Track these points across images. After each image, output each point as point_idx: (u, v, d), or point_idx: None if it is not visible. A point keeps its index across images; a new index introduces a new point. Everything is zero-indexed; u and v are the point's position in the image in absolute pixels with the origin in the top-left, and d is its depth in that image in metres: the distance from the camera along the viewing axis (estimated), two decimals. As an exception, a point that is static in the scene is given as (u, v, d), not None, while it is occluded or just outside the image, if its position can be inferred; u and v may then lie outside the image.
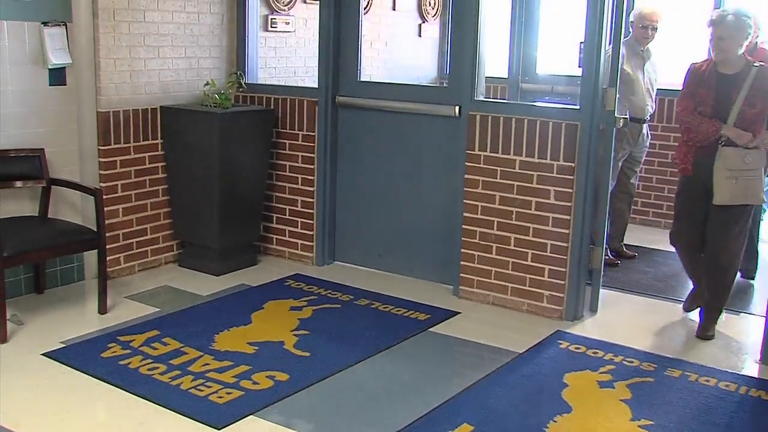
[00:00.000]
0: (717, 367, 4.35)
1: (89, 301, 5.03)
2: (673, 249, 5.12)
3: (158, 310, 4.93)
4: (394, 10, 8.04)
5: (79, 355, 4.22)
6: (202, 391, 3.85)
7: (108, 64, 5.23)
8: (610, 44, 4.82)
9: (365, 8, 6.84)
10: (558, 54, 7.52)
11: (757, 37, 4.88)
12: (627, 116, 5.66)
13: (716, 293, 4.80)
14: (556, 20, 7.49)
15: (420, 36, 8.42)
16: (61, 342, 4.38)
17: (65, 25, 5.02)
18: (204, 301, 5.12)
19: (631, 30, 5.92)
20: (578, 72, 4.92)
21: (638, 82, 5.90)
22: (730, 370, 4.32)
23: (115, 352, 4.27)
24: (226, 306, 5.05)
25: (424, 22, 8.38)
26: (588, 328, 4.90)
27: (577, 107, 4.82)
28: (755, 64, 4.49)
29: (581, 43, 4.85)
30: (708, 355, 4.56)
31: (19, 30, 4.85)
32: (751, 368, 4.39)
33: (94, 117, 5.23)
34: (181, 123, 5.51)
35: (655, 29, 5.82)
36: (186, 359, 4.20)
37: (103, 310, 4.83)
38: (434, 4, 8.44)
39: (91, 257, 5.18)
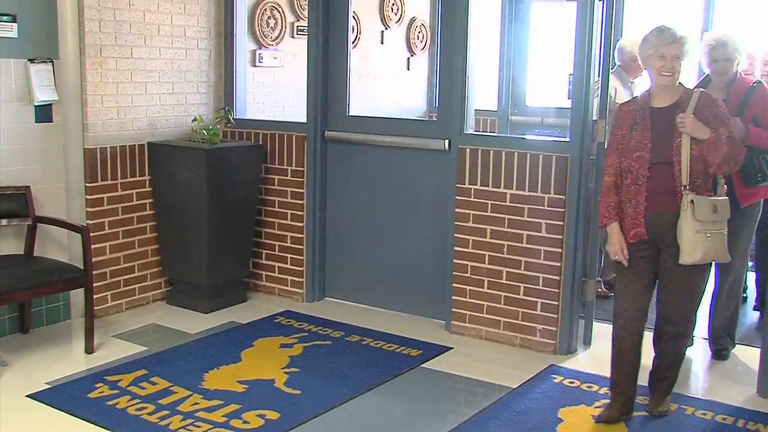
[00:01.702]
0: (714, 400, 4.34)
1: (76, 341, 4.99)
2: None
3: (146, 348, 4.90)
4: (382, 43, 8.05)
5: (65, 397, 4.17)
6: (191, 431, 3.81)
7: (95, 100, 5.24)
8: (599, 76, 4.85)
9: (353, 42, 6.85)
10: (547, 86, 7.56)
11: (738, 64, 4.69)
12: None
13: (675, 370, 4.15)
14: (545, 52, 7.53)
15: (408, 69, 8.43)
16: (47, 383, 4.34)
17: (52, 61, 5.05)
18: (193, 339, 5.08)
19: (617, 61, 5.92)
20: (568, 104, 4.94)
21: None
22: (727, 403, 4.31)
23: (102, 392, 4.23)
24: (215, 344, 5.01)
25: (412, 55, 8.40)
26: (582, 361, 4.89)
27: (567, 139, 4.85)
28: (695, 91, 3.86)
29: (570, 74, 4.87)
30: (705, 388, 4.56)
31: (5, 67, 4.86)
32: (749, 400, 4.37)
33: (81, 154, 5.24)
34: (169, 159, 5.51)
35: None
36: (175, 399, 4.17)
37: (89, 349, 4.79)
38: (422, 37, 8.47)
39: (77, 296, 5.14)
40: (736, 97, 4.62)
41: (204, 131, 5.60)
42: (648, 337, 4.08)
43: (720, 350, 4.97)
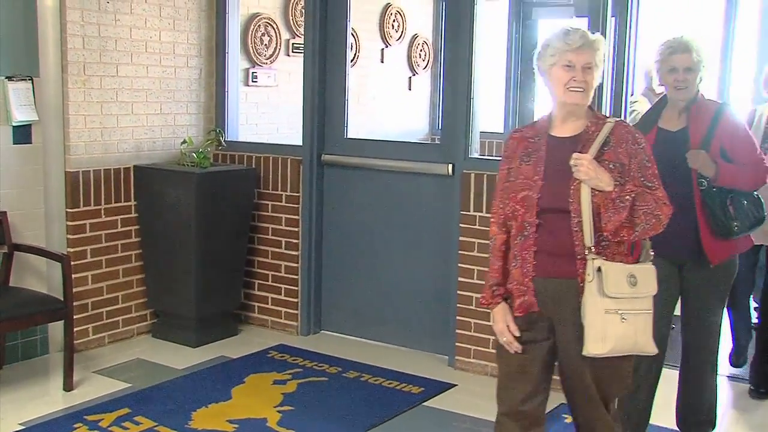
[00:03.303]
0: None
1: (53, 378, 4.95)
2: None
3: (130, 385, 4.86)
4: (382, 62, 8.09)
5: (41, 438, 4.13)
6: (176, 475, 3.76)
7: (77, 121, 5.22)
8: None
9: (352, 60, 6.86)
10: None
11: (701, 80, 3.84)
12: None
13: None
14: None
15: (410, 89, 8.47)
16: (21, 424, 4.29)
17: (31, 79, 5.04)
18: (180, 376, 5.04)
19: (645, 82, 5.88)
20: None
21: None
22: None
23: (81, 433, 4.19)
24: (203, 380, 4.97)
25: (414, 74, 8.43)
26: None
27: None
28: (609, 120, 3.06)
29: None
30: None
31: (-19, 85, 4.87)
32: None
33: (62, 177, 5.21)
34: (156, 184, 5.50)
35: None
36: (159, 440, 4.13)
37: (68, 386, 4.74)
38: (425, 55, 8.50)
39: (56, 329, 5.09)
40: (700, 124, 3.79)
41: (194, 154, 5.59)
42: None
43: None
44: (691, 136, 3.76)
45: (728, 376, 5.19)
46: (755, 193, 3.84)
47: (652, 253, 3.11)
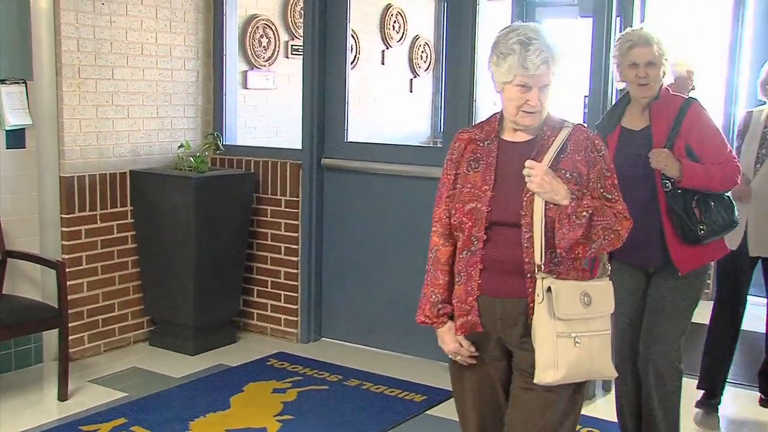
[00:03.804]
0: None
1: (48, 387, 4.92)
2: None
3: (126, 395, 4.84)
4: (383, 64, 8.11)
5: (35, 449, 4.13)
6: (173, 487, 3.74)
7: (72, 125, 5.21)
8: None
9: (352, 62, 6.88)
10: (561, 108, 7.52)
11: (664, 74, 3.68)
12: None
13: None
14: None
15: (411, 92, 8.49)
16: (15, 434, 4.29)
17: (25, 83, 5.03)
18: (177, 384, 5.03)
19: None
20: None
21: None
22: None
23: (76, 444, 4.18)
24: (201, 389, 4.95)
25: (415, 76, 8.45)
26: (600, 408, 4.79)
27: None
28: (567, 124, 2.82)
29: (585, 96, 4.83)
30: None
31: (-26, 89, 4.86)
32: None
33: (57, 182, 5.20)
34: (153, 189, 5.49)
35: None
36: (156, 450, 4.12)
37: (63, 396, 4.72)
38: (426, 57, 8.50)
39: (51, 337, 5.08)
40: (663, 121, 3.63)
41: (191, 158, 5.59)
42: None
43: None
44: (654, 134, 3.59)
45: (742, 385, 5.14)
46: (726, 194, 3.64)
47: (609, 267, 2.87)
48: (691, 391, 4.54)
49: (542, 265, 2.65)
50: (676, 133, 3.56)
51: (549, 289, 2.64)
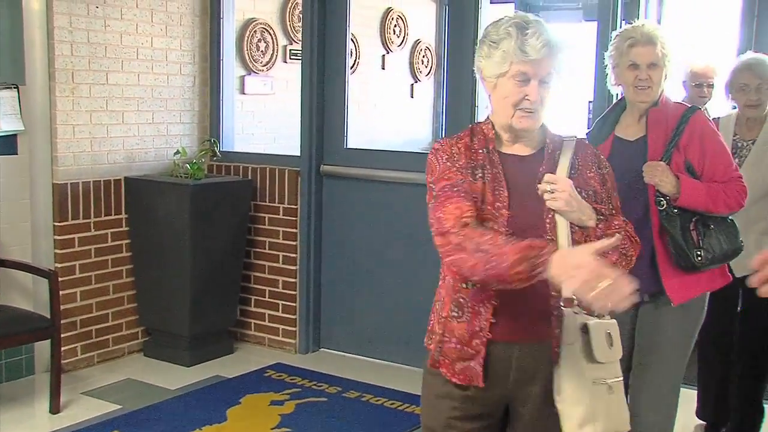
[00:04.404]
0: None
1: (39, 399, 4.89)
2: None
3: (120, 407, 4.82)
4: (383, 69, 8.09)
5: (25, 463, 4.09)
6: (166, 503, 3.70)
7: (66, 131, 5.20)
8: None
9: (352, 67, 6.86)
10: (565, 114, 7.50)
11: (666, 78, 3.34)
12: None
13: None
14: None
15: (412, 97, 8.45)
16: (5, 448, 4.27)
17: (17, 87, 5.01)
18: (173, 396, 5.01)
19: (684, 91, 5.73)
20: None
21: None
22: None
23: (68, 458, 4.16)
24: (197, 401, 4.93)
25: (416, 81, 8.42)
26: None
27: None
28: (568, 137, 2.51)
29: (590, 101, 4.81)
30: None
31: (-35, 94, 4.86)
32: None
33: (50, 189, 5.18)
34: (148, 196, 5.48)
35: (711, 86, 5.02)
36: (150, 465, 4.10)
37: (55, 408, 4.69)
38: (427, 62, 8.48)
39: (42, 348, 5.05)
40: (660, 132, 3.27)
41: (187, 165, 5.58)
42: None
43: None
44: (650, 145, 3.23)
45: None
46: (729, 217, 3.27)
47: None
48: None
49: (574, 299, 2.22)
50: (675, 145, 3.20)
51: (585, 328, 2.25)
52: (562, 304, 2.27)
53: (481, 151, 2.45)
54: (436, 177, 2.53)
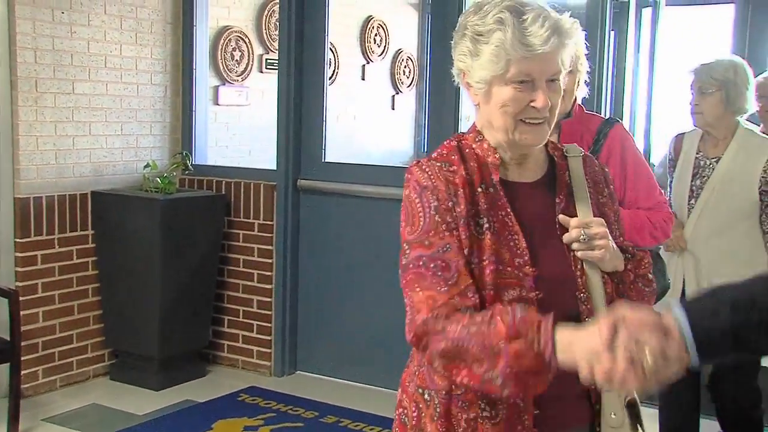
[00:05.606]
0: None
1: (-3, 427, 4.88)
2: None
3: (84, 434, 4.79)
4: (363, 80, 8.13)
5: (-19, 496, 4.02)
6: None
7: (29, 142, 5.17)
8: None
9: (331, 78, 6.89)
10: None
11: (578, 84, 2.92)
12: None
13: None
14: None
15: (393, 109, 8.50)
16: (-41, 479, 4.20)
17: (-24, 97, 4.99)
18: (141, 422, 4.97)
19: (756, 106, 5.44)
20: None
21: None
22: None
23: (26, 490, 4.10)
24: (167, 427, 4.92)
25: (397, 93, 8.47)
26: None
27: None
28: (572, 151, 2.06)
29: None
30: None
31: None
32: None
33: (11, 204, 5.16)
34: (116, 211, 5.47)
35: None
36: (115, 497, 4.08)
37: (14, 436, 4.66)
38: (409, 72, 8.52)
39: (1, 372, 4.95)
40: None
41: (158, 179, 5.58)
42: None
43: None
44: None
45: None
46: (656, 250, 3.03)
47: None
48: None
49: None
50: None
51: (632, 406, 1.90)
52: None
53: (480, 187, 1.92)
54: (414, 237, 1.94)
